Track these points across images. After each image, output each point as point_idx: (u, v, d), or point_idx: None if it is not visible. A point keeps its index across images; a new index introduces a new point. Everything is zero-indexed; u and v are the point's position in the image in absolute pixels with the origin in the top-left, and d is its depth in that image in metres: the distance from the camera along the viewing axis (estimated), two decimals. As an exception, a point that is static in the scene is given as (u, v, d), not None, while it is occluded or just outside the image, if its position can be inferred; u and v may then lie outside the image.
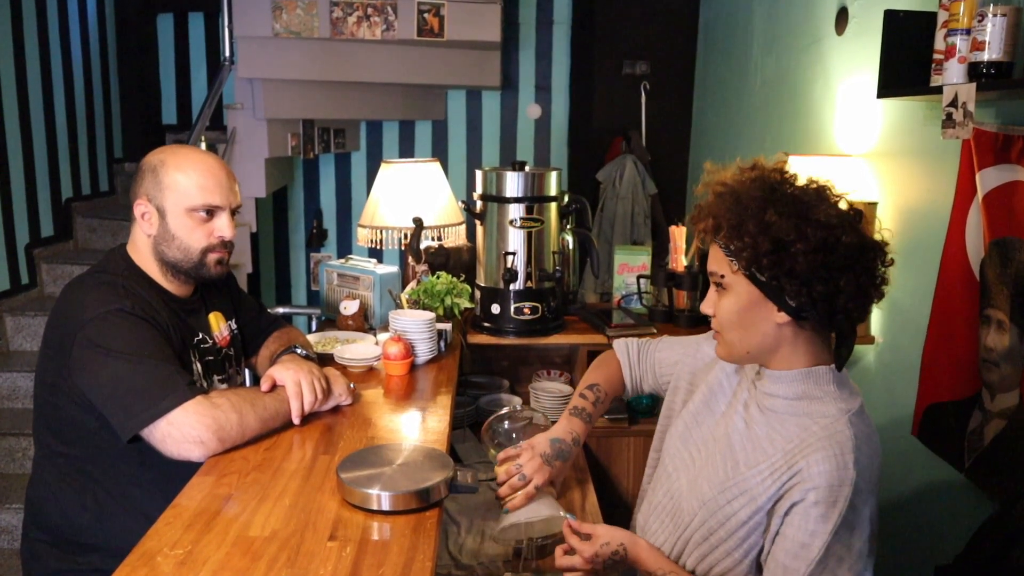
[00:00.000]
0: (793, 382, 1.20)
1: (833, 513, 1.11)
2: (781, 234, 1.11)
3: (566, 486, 2.05)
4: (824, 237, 1.11)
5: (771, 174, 1.19)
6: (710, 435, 1.33)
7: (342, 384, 1.64)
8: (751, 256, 1.13)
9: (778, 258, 1.11)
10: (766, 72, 3.18)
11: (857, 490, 1.12)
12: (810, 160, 2.38)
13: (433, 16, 3.62)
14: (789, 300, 1.14)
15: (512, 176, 2.23)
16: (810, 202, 1.13)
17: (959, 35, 1.69)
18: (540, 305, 2.29)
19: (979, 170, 1.77)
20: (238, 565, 1.07)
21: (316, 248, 4.73)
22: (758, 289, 1.16)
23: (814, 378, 1.19)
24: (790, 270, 1.11)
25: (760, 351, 1.21)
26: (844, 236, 1.12)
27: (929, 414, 2.02)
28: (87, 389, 1.44)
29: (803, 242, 1.10)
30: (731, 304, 1.19)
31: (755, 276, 1.15)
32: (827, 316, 1.14)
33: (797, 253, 1.10)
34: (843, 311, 1.14)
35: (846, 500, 1.11)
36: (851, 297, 1.13)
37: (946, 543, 1.92)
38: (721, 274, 1.19)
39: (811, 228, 1.11)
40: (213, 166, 1.58)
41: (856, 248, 1.13)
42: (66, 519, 1.55)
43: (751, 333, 1.19)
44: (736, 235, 1.14)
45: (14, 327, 3.60)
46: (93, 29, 4.44)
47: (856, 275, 1.12)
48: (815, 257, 1.10)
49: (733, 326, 1.20)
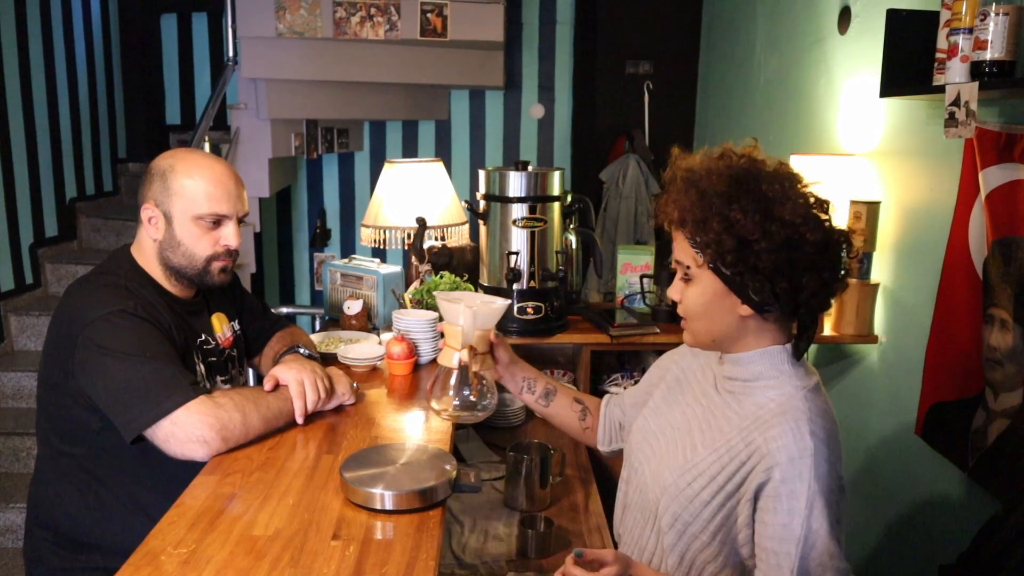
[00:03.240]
0: (750, 363, 1.22)
1: (802, 487, 1.12)
2: (745, 232, 1.11)
3: (569, 485, 2.05)
4: (788, 235, 1.12)
5: (739, 162, 1.19)
6: (668, 423, 1.33)
7: (345, 383, 1.65)
8: (715, 252, 1.15)
9: (742, 255, 1.13)
10: (769, 71, 3.17)
11: (819, 460, 1.13)
12: (813, 159, 2.38)
13: (436, 16, 3.63)
14: (753, 295, 1.15)
15: (515, 176, 2.23)
16: (775, 198, 1.13)
17: (961, 34, 1.69)
18: (543, 305, 2.29)
19: (982, 169, 1.76)
20: (242, 564, 1.07)
21: (320, 248, 4.74)
22: (722, 282, 1.17)
23: (769, 358, 1.21)
24: (754, 267, 1.13)
25: (724, 339, 1.23)
26: (809, 234, 1.12)
27: (932, 413, 2.02)
28: (90, 389, 1.44)
29: (767, 240, 1.11)
30: (696, 295, 1.21)
31: (719, 270, 1.17)
32: (790, 310, 1.17)
33: (761, 251, 1.11)
34: (805, 305, 1.16)
35: (811, 471, 1.12)
36: (814, 293, 1.15)
37: (950, 542, 1.92)
38: (687, 265, 1.21)
39: (775, 226, 1.11)
40: (222, 174, 1.58)
41: (821, 245, 1.13)
42: (69, 518, 1.55)
43: (716, 323, 1.21)
44: (701, 230, 1.15)
45: (18, 327, 3.61)
46: (97, 29, 4.46)
47: (819, 271, 1.14)
48: (779, 255, 1.11)
49: (698, 316, 1.22)
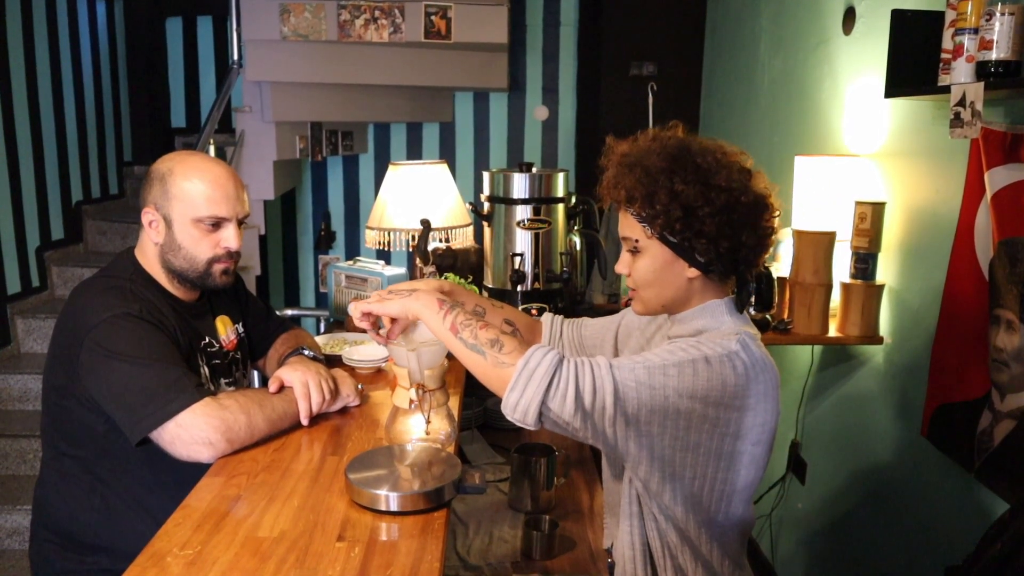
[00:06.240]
0: (693, 319, 1.31)
1: (692, 353, 1.18)
2: (690, 201, 1.22)
3: (573, 486, 2.05)
4: (727, 200, 1.23)
5: (670, 141, 1.30)
6: None
7: (350, 385, 1.65)
8: (664, 222, 1.25)
9: (688, 222, 1.23)
10: (773, 72, 3.17)
11: (710, 368, 1.18)
12: (818, 160, 2.37)
13: (440, 18, 3.63)
14: (699, 257, 1.26)
15: (519, 177, 2.23)
16: (710, 169, 1.24)
17: (967, 34, 1.68)
18: (547, 306, 2.29)
19: (987, 169, 1.76)
20: (247, 566, 1.08)
21: (324, 250, 4.74)
22: (670, 250, 1.28)
23: (711, 311, 1.30)
24: (699, 231, 1.23)
25: (673, 302, 1.32)
26: (743, 197, 1.24)
27: (938, 415, 2.01)
28: (95, 392, 1.44)
29: (710, 206, 1.22)
30: (646, 265, 1.30)
31: (667, 239, 1.27)
32: (731, 267, 1.28)
33: (705, 216, 1.22)
34: (744, 261, 1.28)
35: (716, 361, 1.18)
36: (751, 249, 1.27)
37: (956, 544, 1.92)
38: (635, 239, 1.30)
39: (715, 193, 1.22)
40: (220, 176, 1.58)
41: (753, 206, 1.25)
42: (74, 520, 1.56)
43: (666, 288, 1.30)
44: (649, 204, 1.25)
45: (25, 329, 3.62)
46: (103, 33, 4.47)
47: (755, 229, 1.26)
48: (721, 218, 1.23)
49: (649, 284, 1.31)
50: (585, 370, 1.15)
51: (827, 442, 2.63)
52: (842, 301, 2.28)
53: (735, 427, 1.21)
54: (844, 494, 2.52)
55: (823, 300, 2.26)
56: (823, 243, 2.25)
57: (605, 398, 1.14)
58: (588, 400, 1.14)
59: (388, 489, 1.21)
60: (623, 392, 1.15)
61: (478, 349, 1.21)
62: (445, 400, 1.46)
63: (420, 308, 1.29)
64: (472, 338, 1.22)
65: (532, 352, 1.17)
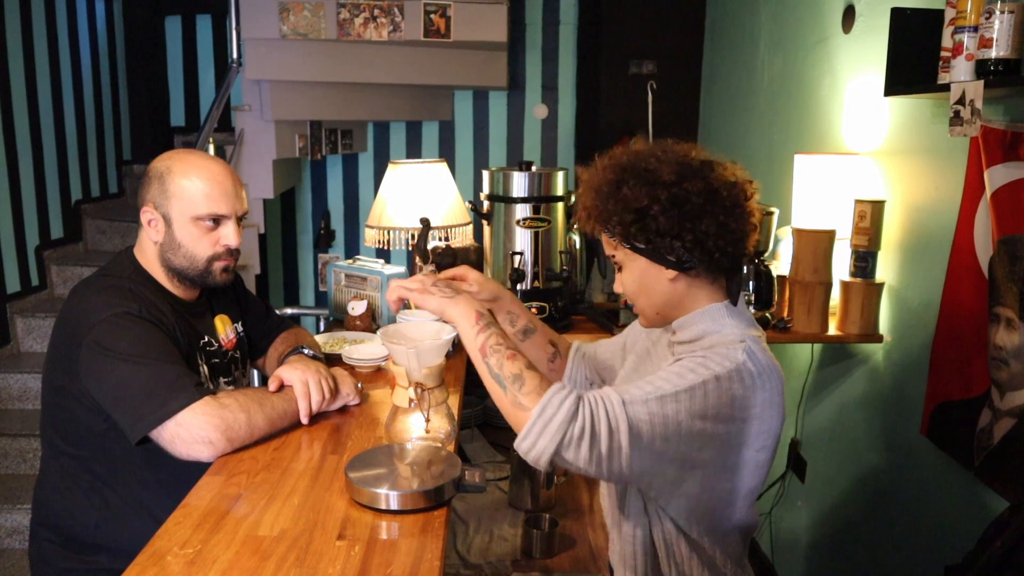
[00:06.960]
0: (692, 324, 1.29)
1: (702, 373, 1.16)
2: (636, 203, 1.23)
3: (573, 485, 2.05)
4: (673, 193, 1.22)
5: (620, 157, 1.30)
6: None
7: (350, 384, 1.65)
8: (623, 230, 1.26)
9: (643, 224, 1.23)
10: (773, 71, 3.17)
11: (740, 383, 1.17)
12: (817, 159, 2.37)
13: (440, 17, 3.63)
14: (669, 256, 1.25)
15: (519, 176, 2.23)
16: (653, 168, 1.24)
17: (966, 32, 1.68)
18: (547, 305, 2.29)
19: (987, 167, 1.76)
20: (247, 564, 1.08)
21: (324, 249, 4.75)
22: (643, 256, 1.27)
23: (709, 315, 1.28)
24: (658, 231, 1.23)
25: (665, 308, 1.31)
26: (688, 186, 1.22)
27: (938, 413, 2.01)
28: (95, 391, 1.44)
29: (658, 204, 1.22)
30: (630, 276, 1.31)
31: (636, 247, 1.27)
32: (707, 260, 1.25)
33: (657, 215, 1.22)
34: (718, 250, 1.24)
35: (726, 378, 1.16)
36: (719, 236, 1.23)
37: (955, 542, 1.92)
38: (613, 255, 1.32)
39: (659, 189, 1.22)
40: (219, 174, 1.58)
41: (704, 192, 1.22)
42: (74, 519, 1.56)
43: (653, 295, 1.30)
44: (605, 217, 1.27)
45: (24, 328, 3.62)
46: (102, 32, 4.47)
47: (714, 216, 1.22)
48: (672, 213, 1.22)
49: (638, 294, 1.31)
50: (600, 414, 1.13)
51: (827, 440, 2.63)
52: (842, 299, 2.28)
53: (742, 437, 1.20)
54: (844, 492, 2.52)
55: (823, 298, 2.26)
56: (823, 241, 2.25)
57: (621, 439, 1.12)
58: (604, 445, 1.12)
59: (388, 488, 1.21)
60: (637, 428, 1.13)
61: (500, 381, 1.20)
62: (444, 398, 1.46)
63: (457, 316, 1.28)
64: (497, 367, 1.20)
65: (549, 398, 1.14)
